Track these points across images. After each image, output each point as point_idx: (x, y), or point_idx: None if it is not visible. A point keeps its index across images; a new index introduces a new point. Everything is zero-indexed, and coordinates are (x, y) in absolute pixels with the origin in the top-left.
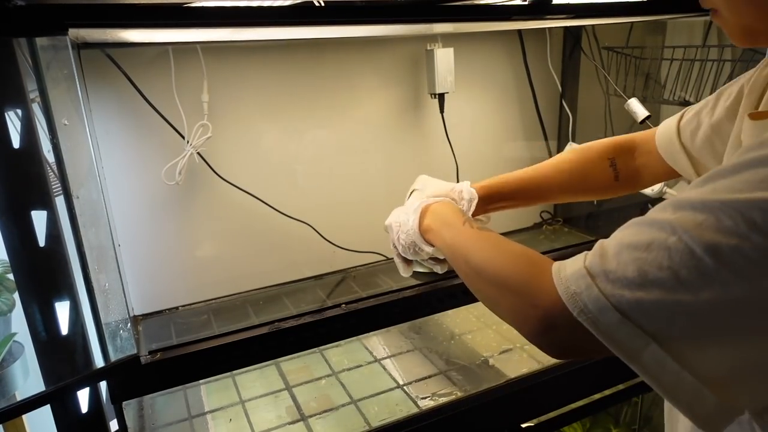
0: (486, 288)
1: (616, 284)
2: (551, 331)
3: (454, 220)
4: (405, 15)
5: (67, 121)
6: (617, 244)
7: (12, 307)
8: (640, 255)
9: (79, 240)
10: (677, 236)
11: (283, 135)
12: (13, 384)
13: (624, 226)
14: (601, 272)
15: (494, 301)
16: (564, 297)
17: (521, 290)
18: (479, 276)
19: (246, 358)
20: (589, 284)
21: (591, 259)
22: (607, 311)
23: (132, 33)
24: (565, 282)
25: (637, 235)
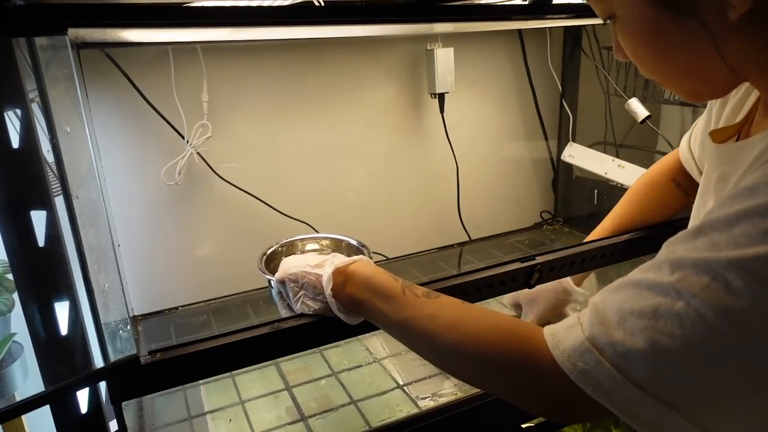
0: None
1: (627, 357)
2: (560, 406)
3: (388, 287)
4: (405, 15)
5: (69, 128)
6: (617, 309)
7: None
8: (647, 323)
9: (79, 240)
10: (684, 301)
11: (283, 135)
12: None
13: (615, 287)
14: (608, 344)
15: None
16: (572, 375)
17: (518, 371)
18: (457, 359)
19: (246, 358)
20: (598, 360)
21: (591, 329)
22: (623, 386)
23: (131, 33)
24: (569, 358)
25: (638, 299)
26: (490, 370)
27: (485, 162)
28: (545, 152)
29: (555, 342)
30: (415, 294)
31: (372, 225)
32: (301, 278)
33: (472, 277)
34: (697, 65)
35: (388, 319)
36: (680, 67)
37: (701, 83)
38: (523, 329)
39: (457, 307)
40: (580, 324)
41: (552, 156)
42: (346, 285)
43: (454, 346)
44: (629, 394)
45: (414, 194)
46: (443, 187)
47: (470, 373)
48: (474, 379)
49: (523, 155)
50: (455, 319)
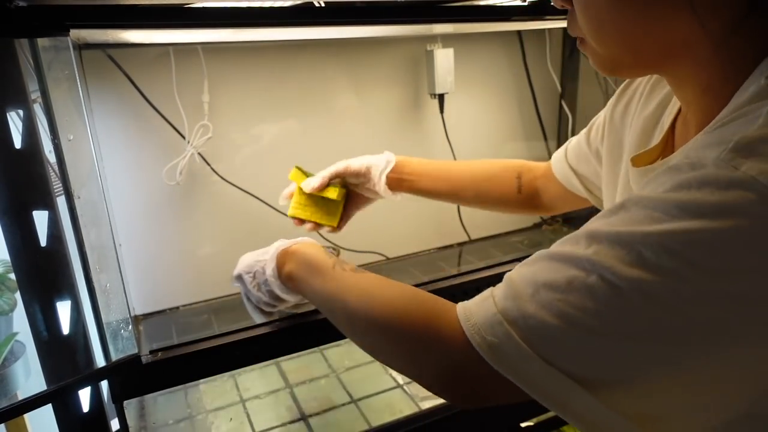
0: (374, 338)
1: (538, 330)
2: (460, 382)
3: (321, 263)
4: (405, 15)
5: (72, 136)
6: (531, 282)
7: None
8: (560, 296)
9: (81, 240)
10: (597, 273)
11: (283, 135)
12: (14, 383)
13: (532, 260)
14: (519, 317)
15: (386, 352)
16: (481, 349)
17: (419, 335)
18: (365, 325)
19: (246, 358)
20: (508, 332)
21: (503, 302)
22: (531, 360)
23: (133, 33)
24: (478, 331)
25: (553, 272)
26: (393, 338)
27: None
28: (545, 152)
29: (466, 316)
30: (343, 269)
31: (372, 225)
32: (253, 267)
33: (472, 277)
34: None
35: (315, 293)
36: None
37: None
38: (435, 300)
39: (378, 279)
40: (492, 297)
41: (551, 156)
42: (286, 263)
43: (365, 313)
44: (537, 368)
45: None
46: None
47: (374, 341)
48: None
49: (522, 155)
50: (372, 288)
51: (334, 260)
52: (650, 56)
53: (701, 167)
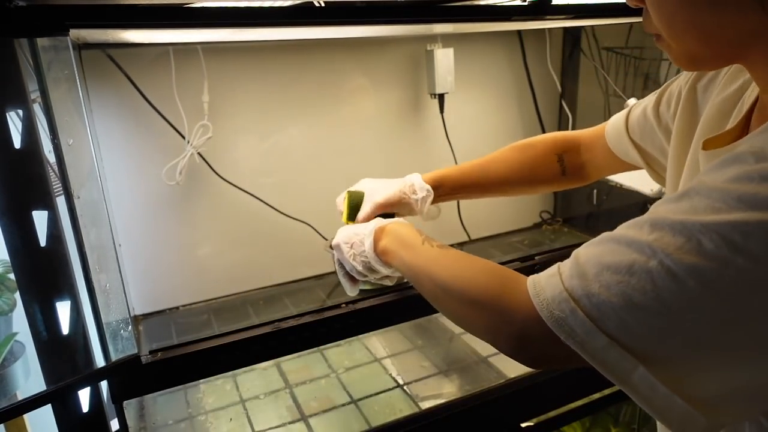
0: (456, 306)
1: (600, 308)
2: (530, 346)
3: (412, 240)
4: (405, 15)
5: (71, 140)
6: (596, 263)
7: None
8: (622, 278)
9: (80, 240)
10: (658, 260)
11: (283, 135)
12: (14, 383)
13: (598, 241)
14: (584, 295)
15: (466, 319)
16: (549, 322)
17: (495, 306)
18: (448, 294)
19: (246, 358)
20: (573, 309)
21: (570, 280)
22: (595, 335)
23: (132, 33)
24: (547, 306)
25: (617, 255)
26: (471, 305)
27: None
28: None
29: (536, 291)
30: (431, 245)
31: None
32: (351, 239)
33: None
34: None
35: (405, 265)
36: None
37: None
38: (509, 272)
39: (460, 254)
40: (559, 274)
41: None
42: (382, 238)
43: (448, 284)
44: (600, 342)
45: None
46: None
47: (456, 309)
48: (459, 316)
49: None
50: (454, 262)
51: (424, 236)
52: (724, 48)
53: (764, 159)
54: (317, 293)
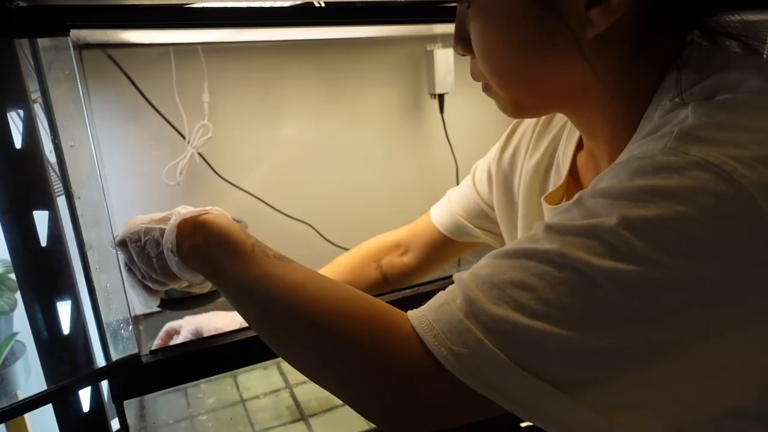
0: (302, 346)
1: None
2: (414, 402)
3: (239, 243)
4: (405, 15)
5: (73, 143)
6: (493, 284)
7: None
8: (531, 295)
9: (81, 240)
10: (570, 267)
11: (283, 135)
12: (14, 383)
13: (482, 265)
14: (489, 321)
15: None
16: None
17: (366, 349)
18: (293, 329)
19: (246, 358)
20: (478, 340)
21: (468, 306)
22: (506, 368)
23: (133, 34)
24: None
25: (517, 270)
26: (329, 347)
27: None
28: None
29: (424, 326)
30: (265, 254)
31: (372, 225)
32: (144, 235)
33: None
34: (543, 71)
35: (227, 278)
36: (523, 70)
37: (535, 94)
38: (383, 309)
39: (311, 273)
40: (451, 302)
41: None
42: (193, 235)
43: (295, 311)
44: (512, 375)
45: (414, 194)
46: (443, 188)
47: (304, 349)
48: (305, 358)
49: None
50: (304, 282)
51: (253, 241)
52: (552, 98)
53: (650, 157)
54: None
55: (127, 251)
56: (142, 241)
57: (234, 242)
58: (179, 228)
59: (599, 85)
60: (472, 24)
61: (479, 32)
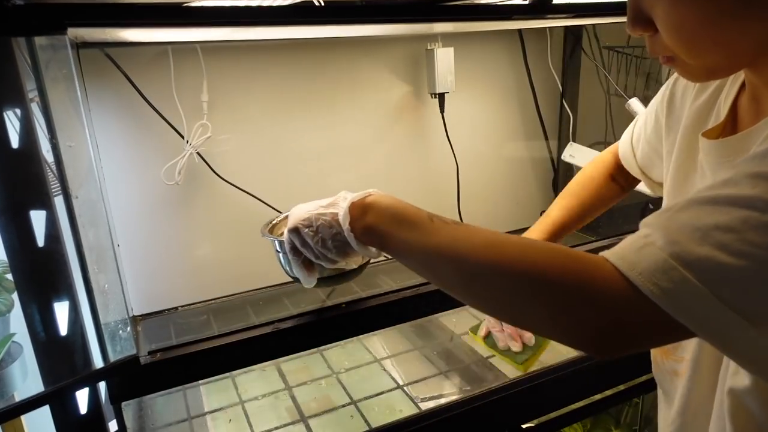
0: (506, 295)
1: (716, 272)
2: (620, 333)
3: (414, 216)
4: (405, 15)
5: (72, 144)
6: (695, 227)
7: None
8: (736, 236)
9: (78, 240)
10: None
11: (282, 134)
12: (11, 384)
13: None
14: (694, 260)
15: (523, 309)
16: (653, 295)
17: (573, 291)
18: (496, 282)
19: (246, 358)
20: (683, 277)
21: (672, 247)
22: (708, 302)
23: (131, 32)
24: (649, 278)
25: (720, 214)
26: (535, 292)
27: (485, 162)
28: (545, 152)
29: (629, 264)
30: (443, 221)
31: None
32: (315, 221)
33: None
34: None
35: (412, 248)
36: (718, 36)
37: (729, 56)
38: (580, 253)
39: (495, 232)
40: (652, 244)
41: (552, 156)
42: (366, 216)
43: (496, 266)
44: (713, 309)
45: (414, 194)
46: (443, 187)
47: (507, 297)
48: (510, 305)
49: (523, 155)
50: (495, 239)
51: (429, 213)
52: (742, 59)
53: None
54: (317, 293)
55: (300, 237)
56: (314, 226)
57: (411, 216)
58: (351, 210)
59: None
60: (658, 2)
61: (668, 9)
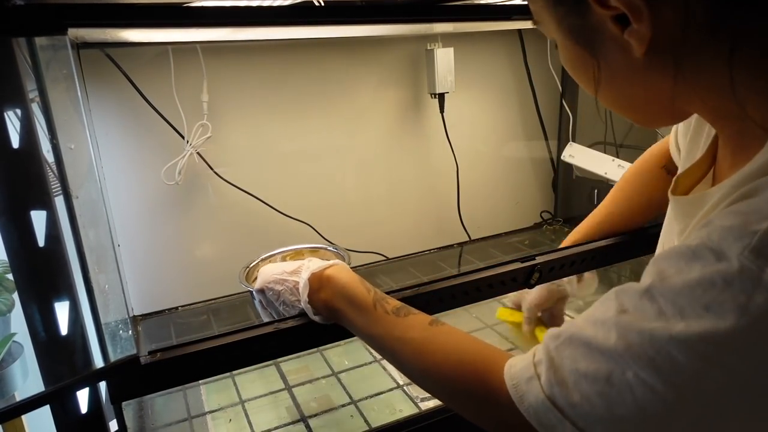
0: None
1: (587, 419)
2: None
3: (362, 300)
4: (405, 15)
5: (73, 145)
6: (573, 370)
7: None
8: (601, 389)
9: (79, 240)
10: (632, 371)
11: (282, 134)
12: (12, 384)
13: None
14: (567, 405)
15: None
16: (539, 428)
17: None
18: (423, 384)
19: (246, 358)
20: (560, 419)
21: (550, 388)
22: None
23: (131, 33)
24: (534, 414)
25: (592, 363)
26: (454, 401)
27: (485, 162)
28: (545, 152)
29: (519, 396)
30: (385, 310)
31: (372, 225)
32: (279, 285)
33: (472, 277)
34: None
35: (360, 331)
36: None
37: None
38: (485, 365)
39: (424, 330)
40: (537, 377)
41: (552, 156)
42: (321, 290)
43: (421, 373)
44: None
45: (414, 194)
46: (443, 187)
47: (440, 398)
48: (440, 398)
49: (523, 155)
50: (421, 346)
51: (373, 295)
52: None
53: (723, 258)
54: None
55: (265, 297)
56: (277, 291)
57: (357, 298)
58: (311, 282)
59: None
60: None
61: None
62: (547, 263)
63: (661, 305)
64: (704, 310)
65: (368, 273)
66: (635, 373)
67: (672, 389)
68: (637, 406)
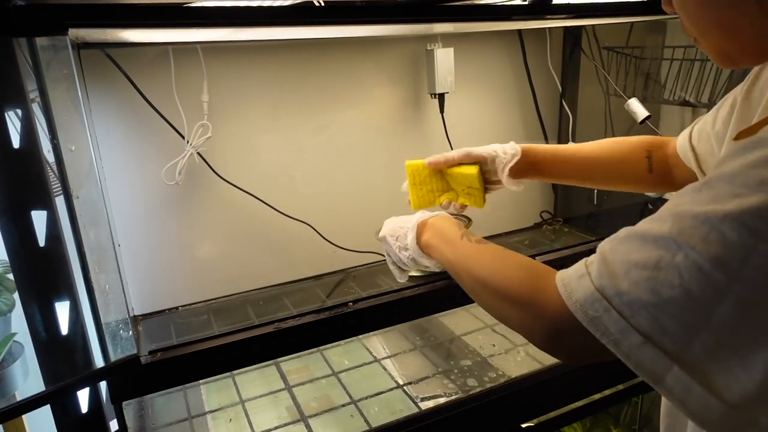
0: (492, 301)
1: (632, 306)
2: (564, 341)
3: (452, 235)
4: (405, 15)
5: (73, 146)
6: (624, 261)
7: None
8: (650, 274)
9: (79, 240)
10: (683, 253)
11: (283, 135)
12: (13, 384)
13: (623, 237)
14: (615, 294)
15: (502, 314)
16: (584, 322)
17: (528, 303)
18: (484, 290)
19: (246, 358)
20: (607, 308)
21: (599, 279)
22: (628, 333)
23: (132, 33)
24: (581, 307)
25: (643, 251)
26: (505, 300)
27: None
28: None
29: (568, 293)
30: (469, 240)
31: (372, 225)
32: (396, 232)
33: None
34: (736, 21)
35: (445, 259)
36: (720, 21)
37: (735, 43)
38: (540, 269)
39: (496, 249)
40: (588, 274)
41: None
42: (424, 233)
43: (483, 280)
44: (634, 340)
45: None
46: None
47: (493, 304)
48: (495, 311)
49: None
50: (491, 257)
51: (463, 231)
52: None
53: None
54: (317, 293)
55: (387, 243)
56: (396, 236)
57: (449, 233)
58: (418, 227)
59: None
60: None
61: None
62: (547, 263)
63: (717, 189)
64: (758, 186)
65: (368, 273)
66: (686, 254)
67: (720, 268)
68: (683, 288)
